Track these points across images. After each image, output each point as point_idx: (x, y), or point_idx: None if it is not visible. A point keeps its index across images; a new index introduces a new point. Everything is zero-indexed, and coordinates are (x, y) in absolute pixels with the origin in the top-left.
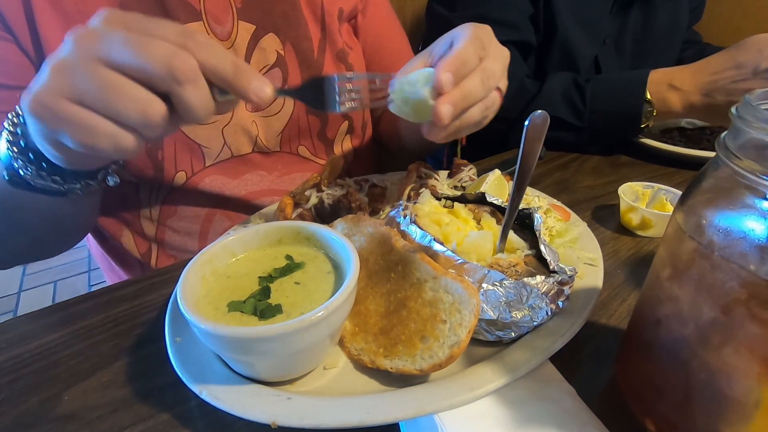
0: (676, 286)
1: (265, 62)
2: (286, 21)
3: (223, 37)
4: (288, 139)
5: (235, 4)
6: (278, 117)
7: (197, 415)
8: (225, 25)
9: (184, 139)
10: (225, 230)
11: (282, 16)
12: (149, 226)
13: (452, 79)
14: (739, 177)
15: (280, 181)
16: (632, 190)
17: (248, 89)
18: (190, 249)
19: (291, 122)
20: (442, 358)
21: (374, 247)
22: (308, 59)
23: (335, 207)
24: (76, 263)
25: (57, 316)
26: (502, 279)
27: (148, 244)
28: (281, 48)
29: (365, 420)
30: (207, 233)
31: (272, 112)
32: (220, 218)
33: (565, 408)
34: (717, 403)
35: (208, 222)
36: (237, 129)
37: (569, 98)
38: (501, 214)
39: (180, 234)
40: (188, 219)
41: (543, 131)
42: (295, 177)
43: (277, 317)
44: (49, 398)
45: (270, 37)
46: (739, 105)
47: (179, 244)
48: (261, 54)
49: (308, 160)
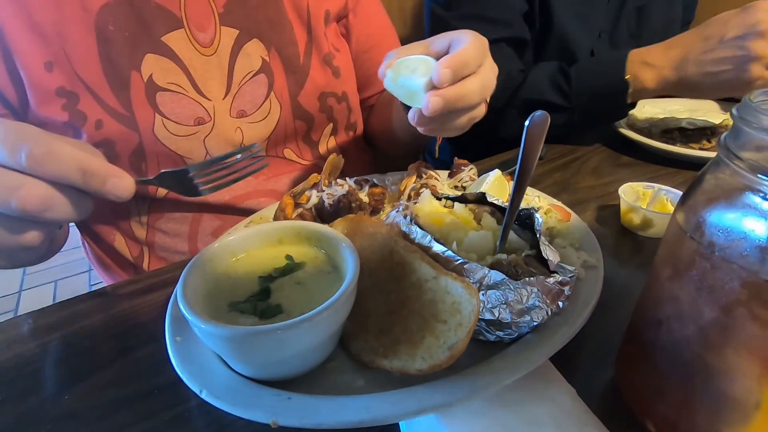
0: (677, 287)
1: (249, 68)
2: (270, 25)
3: (206, 43)
4: (274, 144)
5: (217, 9)
6: (265, 123)
7: (197, 415)
8: (207, 32)
9: (165, 152)
10: (215, 230)
11: (266, 20)
12: (139, 230)
13: (451, 77)
14: (740, 177)
15: (267, 183)
16: (633, 190)
17: (103, 190)
18: (180, 250)
19: (278, 127)
20: (442, 358)
21: (374, 247)
22: (294, 64)
23: (335, 207)
24: (76, 263)
25: (57, 316)
26: (503, 279)
27: (140, 247)
28: (266, 54)
29: (365, 420)
30: (196, 234)
31: (258, 118)
32: (209, 218)
33: (565, 408)
34: (717, 403)
35: (196, 223)
36: (219, 138)
37: (555, 83)
38: (501, 215)
39: (170, 236)
40: (177, 220)
41: (543, 131)
42: (281, 178)
43: (278, 317)
44: (49, 398)
45: (254, 42)
46: (739, 105)
47: (170, 245)
48: (245, 60)
49: (294, 162)
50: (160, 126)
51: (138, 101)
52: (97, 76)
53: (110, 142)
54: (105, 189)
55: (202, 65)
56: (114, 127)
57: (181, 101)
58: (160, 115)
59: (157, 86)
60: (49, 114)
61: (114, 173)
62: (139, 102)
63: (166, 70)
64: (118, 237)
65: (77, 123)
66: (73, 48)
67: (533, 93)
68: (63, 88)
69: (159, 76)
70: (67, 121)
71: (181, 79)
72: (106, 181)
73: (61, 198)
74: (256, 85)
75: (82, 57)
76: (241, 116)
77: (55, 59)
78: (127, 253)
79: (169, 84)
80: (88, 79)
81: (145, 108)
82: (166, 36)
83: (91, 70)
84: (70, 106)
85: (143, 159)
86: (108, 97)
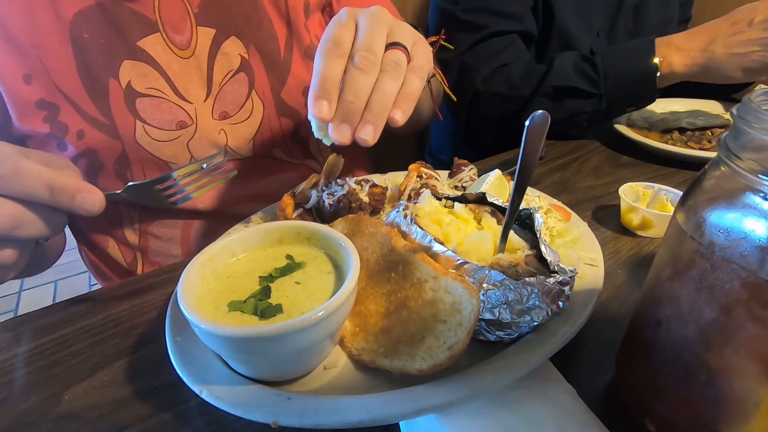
0: (677, 287)
1: (229, 68)
2: (247, 22)
3: (183, 45)
4: (261, 144)
5: (192, 10)
6: (248, 123)
7: (197, 415)
8: (183, 34)
9: (149, 158)
10: (206, 233)
11: (243, 17)
12: (132, 235)
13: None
14: (740, 177)
15: (257, 186)
16: (633, 190)
17: (73, 206)
18: (173, 254)
19: (263, 127)
20: (442, 358)
21: (375, 247)
22: (275, 60)
23: (335, 207)
24: (76, 263)
25: (57, 316)
26: (503, 279)
27: (134, 253)
28: (245, 51)
29: (365, 420)
30: (189, 238)
31: (241, 119)
32: (200, 223)
33: (565, 408)
34: (717, 403)
35: (188, 226)
36: (203, 141)
37: (581, 70)
38: (501, 214)
39: (162, 240)
40: (168, 225)
41: (544, 131)
42: (272, 180)
43: (278, 317)
44: (49, 398)
45: (232, 40)
46: (739, 105)
47: (163, 249)
48: (224, 59)
49: (284, 162)
50: (142, 132)
51: (118, 109)
52: (75, 85)
53: (93, 151)
54: (74, 205)
55: (180, 68)
56: (96, 136)
57: (162, 106)
58: (141, 122)
59: (137, 92)
60: (32, 127)
61: (82, 188)
62: (118, 109)
63: (144, 76)
64: (112, 243)
65: (59, 134)
66: (50, 58)
67: (561, 80)
68: (43, 100)
69: (137, 81)
70: (49, 132)
71: (160, 83)
72: (75, 197)
73: (31, 216)
74: (237, 85)
75: (59, 67)
76: (224, 117)
77: (33, 71)
78: (121, 259)
79: (149, 89)
80: (67, 90)
81: (126, 115)
82: (142, 41)
83: (70, 80)
84: (51, 117)
85: (128, 167)
86: (88, 106)
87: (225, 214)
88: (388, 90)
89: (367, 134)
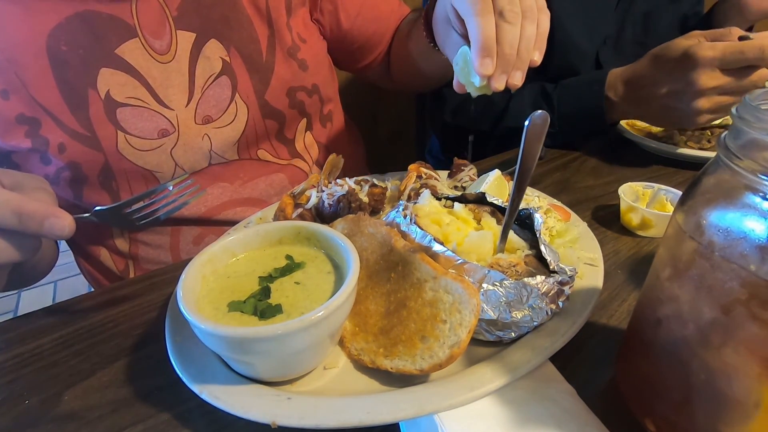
0: (677, 287)
1: (210, 71)
2: (227, 24)
3: (162, 50)
4: (246, 146)
5: (170, 14)
6: (233, 126)
7: (197, 415)
8: (163, 38)
9: (133, 168)
10: (195, 238)
11: (222, 19)
12: (123, 243)
13: (492, 67)
14: (740, 177)
15: (243, 190)
16: (632, 190)
17: (42, 231)
18: (164, 261)
19: (248, 129)
20: (442, 358)
21: (374, 247)
22: (256, 62)
23: (335, 207)
24: (75, 264)
25: (57, 316)
26: (503, 279)
27: (125, 260)
28: (225, 54)
29: (365, 420)
30: (178, 244)
31: (225, 122)
32: (188, 229)
33: (565, 408)
34: (717, 403)
35: (176, 232)
36: (186, 148)
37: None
38: (501, 214)
39: (152, 247)
40: (157, 232)
41: (543, 131)
42: (258, 182)
43: (277, 317)
44: (49, 398)
45: (212, 43)
46: (739, 105)
47: (153, 256)
48: (206, 63)
49: (270, 163)
50: (124, 143)
51: (98, 120)
52: (54, 98)
53: (76, 164)
54: (43, 230)
55: (160, 74)
56: (77, 149)
57: (143, 115)
58: (122, 132)
59: (116, 102)
60: (15, 142)
61: (50, 213)
62: (99, 121)
63: (123, 85)
64: (104, 252)
65: (41, 148)
66: (26, 72)
67: (517, 120)
68: (23, 115)
69: (117, 91)
70: (31, 147)
71: (140, 91)
72: (43, 223)
73: (1, 242)
74: (220, 89)
75: (36, 81)
76: (207, 122)
77: (9, 86)
78: (113, 266)
79: (129, 98)
80: (46, 103)
81: (106, 126)
82: (121, 48)
83: (48, 93)
84: (33, 132)
85: (112, 178)
86: (68, 119)
87: (213, 219)
88: (529, 35)
89: (518, 79)
